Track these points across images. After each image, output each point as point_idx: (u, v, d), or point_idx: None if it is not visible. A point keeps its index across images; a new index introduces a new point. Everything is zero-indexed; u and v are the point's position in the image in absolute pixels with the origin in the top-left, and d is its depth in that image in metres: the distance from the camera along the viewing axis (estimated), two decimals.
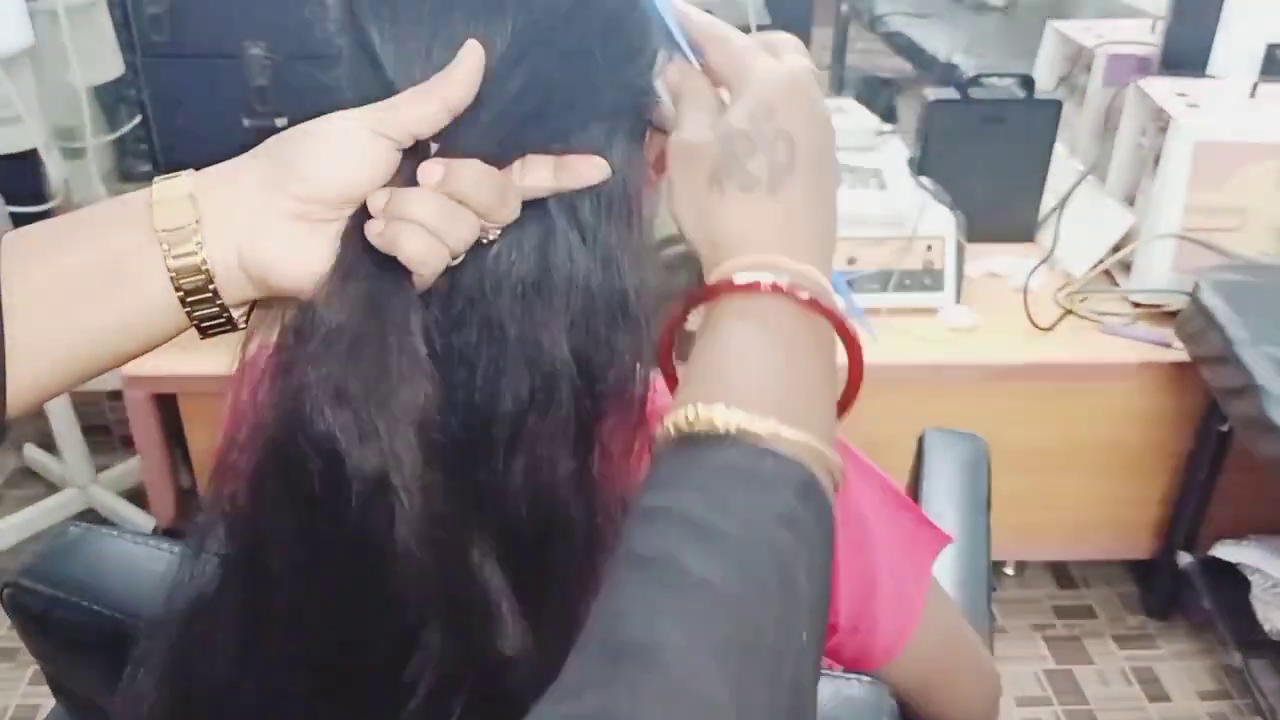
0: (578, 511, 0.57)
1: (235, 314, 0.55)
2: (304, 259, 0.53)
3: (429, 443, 0.52)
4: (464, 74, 0.52)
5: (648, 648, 0.39)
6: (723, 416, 0.45)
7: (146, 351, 0.55)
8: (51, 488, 2.07)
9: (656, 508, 0.44)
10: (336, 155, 0.52)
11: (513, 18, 0.53)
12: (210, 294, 0.52)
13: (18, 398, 0.52)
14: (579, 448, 0.57)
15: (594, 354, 0.56)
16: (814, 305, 0.49)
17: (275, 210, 0.52)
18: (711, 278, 0.51)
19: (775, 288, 0.49)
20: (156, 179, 0.53)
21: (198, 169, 0.54)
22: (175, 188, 0.53)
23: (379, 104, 0.53)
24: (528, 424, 0.55)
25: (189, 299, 0.52)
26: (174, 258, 0.51)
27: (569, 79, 0.55)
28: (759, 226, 0.51)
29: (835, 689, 0.61)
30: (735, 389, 0.47)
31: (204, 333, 0.55)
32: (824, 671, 0.64)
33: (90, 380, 0.55)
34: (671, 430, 0.47)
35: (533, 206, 0.55)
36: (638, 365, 0.58)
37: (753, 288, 0.49)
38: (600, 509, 0.58)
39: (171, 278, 0.52)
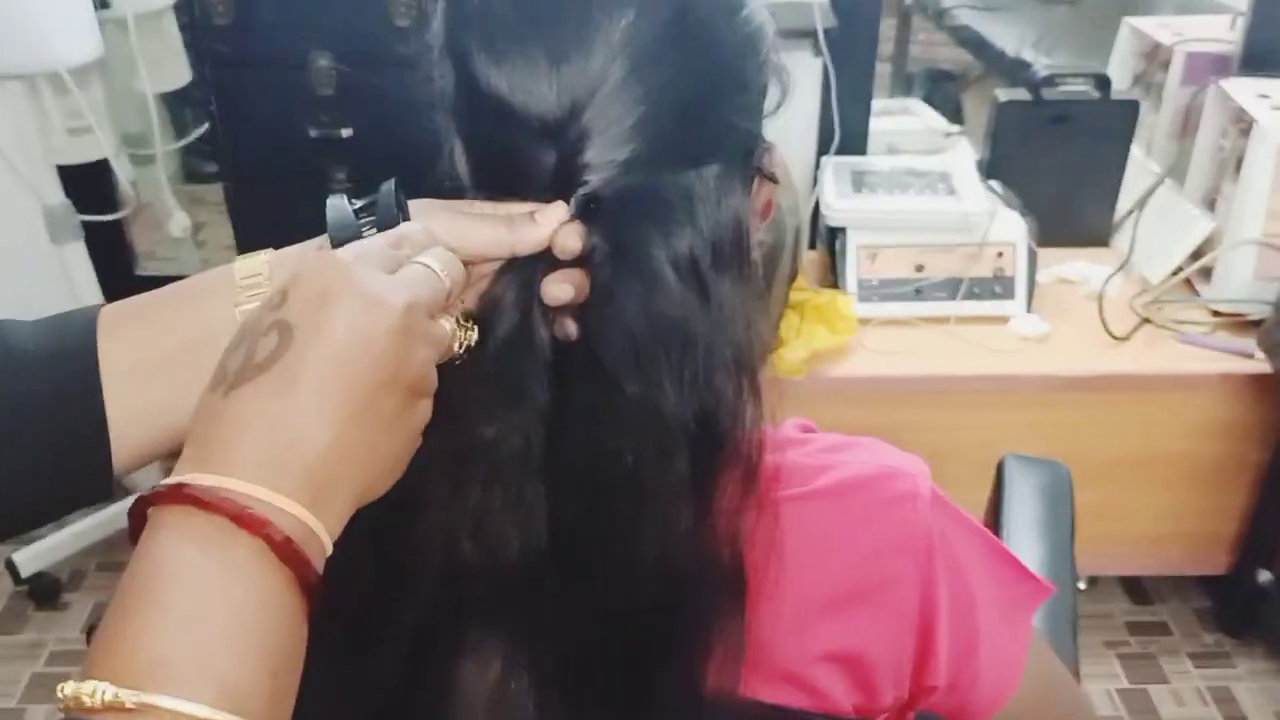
0: (693, 569, 0.56)
1: None
2: None
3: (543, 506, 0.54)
4: (544, 233, 0.52)
5: None
6: (90, 691, 0.38)
7: None
8: (121, 490, 2.10)
9: None
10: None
11: (621, 46, 0.52)
12: None
13: (123, 464, 0.54)
14: (697, 505, 0.55)
15: (712, 408, 0.55)
16: (239, 520, 0.41)
17: None
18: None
19: (185, 497, 0.41)
20: (238, 258, 0.55)
21: (263, 179, 0.56)
22: (255, 268, 0.54)
23: (451, 217, 0.53)
24: (645, 482, 0.54)
25: None
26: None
27: (681, 114, 0.54)
28: (201, 431, 0.45)
29: None
30: (120, 650, 0.39)
31: None
32: None
33: None
34: (59, 701, 0.39)
35: (641, 260, 0.53)
36: (750, 418, 0.57)
37: (170, 498, 0.42)
38: (715, 568, 0.56)
39: None
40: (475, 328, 0.53)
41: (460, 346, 0.52)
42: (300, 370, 0.44)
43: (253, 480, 0.42)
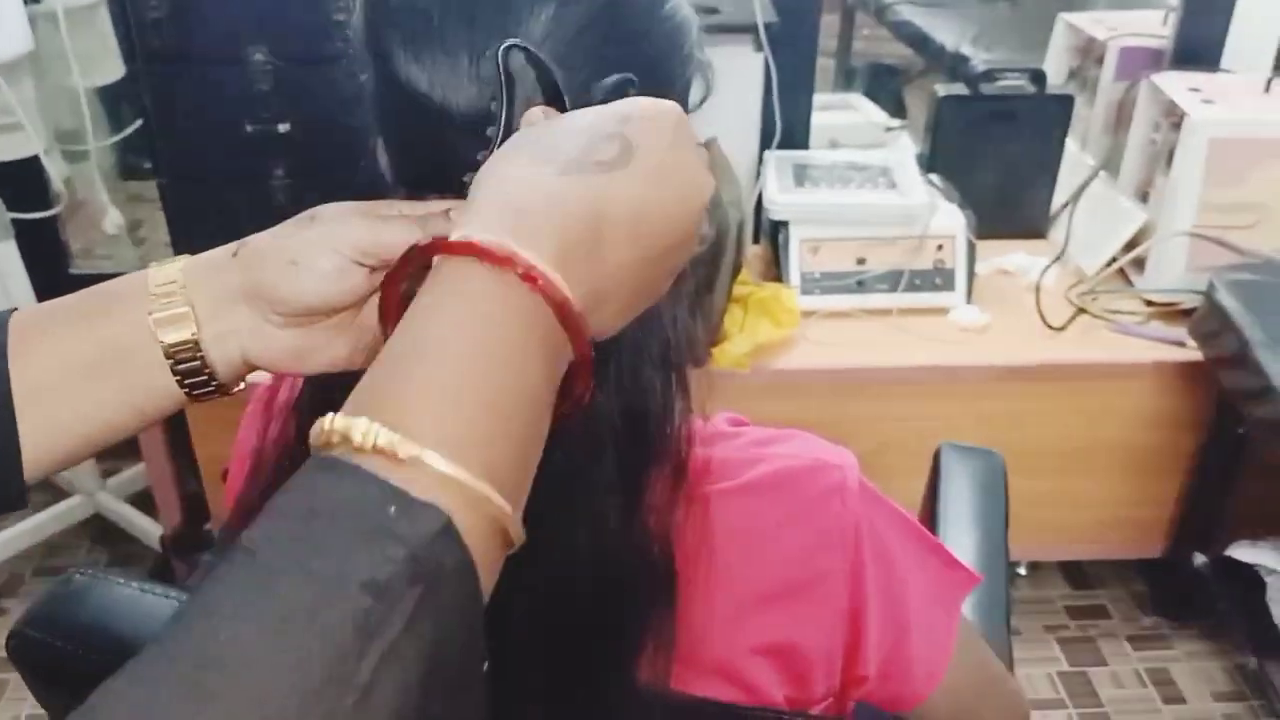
0: (627, 565, 0.56)
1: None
2: (299, 351, 0.55)
3: None
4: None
5: None
6: (362, 431, 0.36)
7: (154, 423, 0.56)
8: (59, 494, 2.06)
9: (247, 544, 0.35)
10: (316, 286, 0.52)
11: (542, 39, 0.52)
12: (210, 382, 0.54)
13: (34, 473, 0.54)
14: (627, 500, 0.56)
15: (639, 404, 0.55)
16: (545, 294, 0.40)
17: (265, 321, 0.54)
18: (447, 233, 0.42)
19: (496, 258, 0.40)
20: (152, 265, 0.55)
21: (199, 176, 0.55)
22: (169, 276, 0.54)
23: (364, 221, 0.52)
24: (575, 478, 0.54)
25: (188, 383, 0.54)
26: (178, 363, 0.53)
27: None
28: (516, 197, 0.43)
29: None
30: (397, 394, 0.38)
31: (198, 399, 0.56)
32: None
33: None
34: (315, 439, 0.38)
35: None
36: (678, 413, 0.57)
37: (472, 252, 0.40)
38: (646, 563, 0.57)
39: (174, 374, 0.53)
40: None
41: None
42: (629, 193, 0.44)
43: (564, 274, 0.41)
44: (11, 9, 1.69)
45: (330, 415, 0.37)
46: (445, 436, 0.37)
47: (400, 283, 0.44)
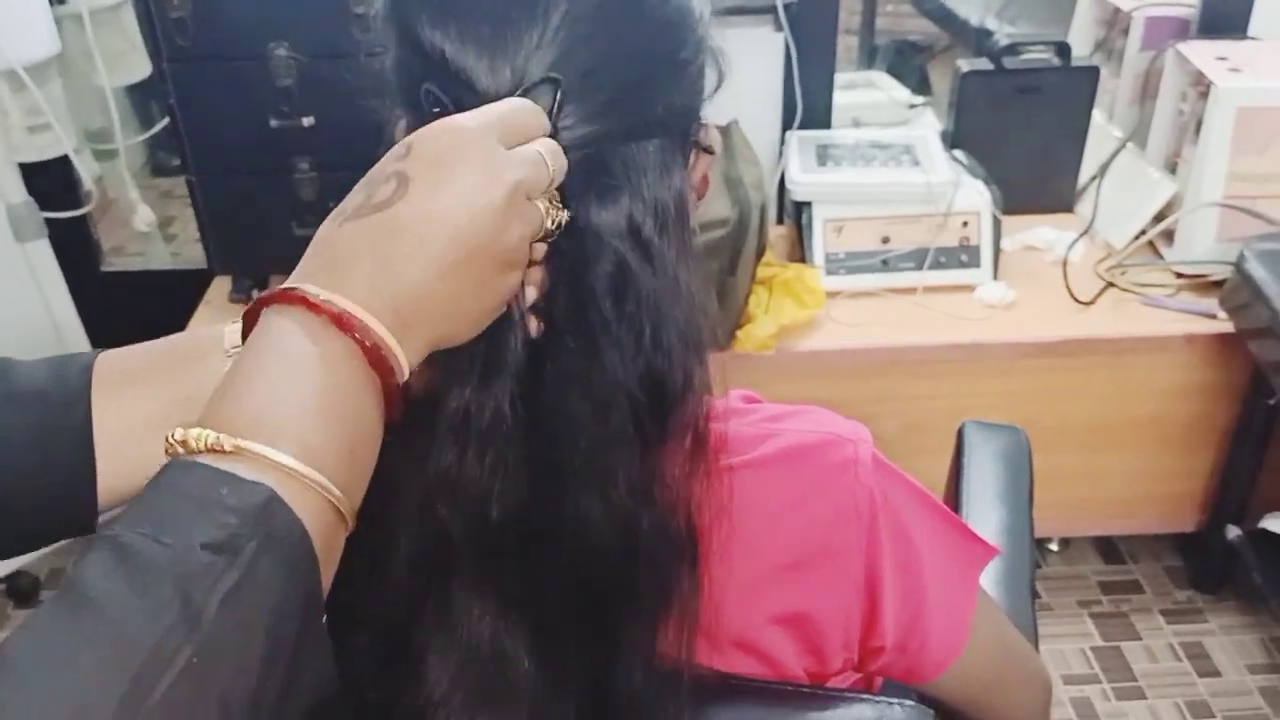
0: (639, 534, 0.57)
1: None
2: None
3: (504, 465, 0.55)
4: None
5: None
6: (195, 436, 0.44)
7: None
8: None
9: (106, 534, 0.42)
10: None
11: (560, 22, 0.54)
12: None
13: (104, 504, 0.59)
14: (643, 471, 0.57)
15: (661, 370, 0.56)
16: (338, 322, 0.47)
17: None
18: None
19: (297, 299, 0.47)
20: (229, 324, 0.58)
21: (226, 171, 0.57)
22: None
23: None
24: (594, 446, 0.55)
25: None
26: None
27: (620, 88, 0.55)
28: (315, 252, 0.50)
29: (878, 713, 0.61)
30: (225, 406, 0.46)
31: None
32: (863, 695, 0.63)
33: None
34: (166, 451, 0.45)
35: (587, 228, 0.55)
36: (697, 385, 0.58)
37: (284, 299, 0.48)
38: (659, 533, 0.57)
39: None
40: (565, 209, 0.55)
41: (553, 224, 0.54)
42: (409, 219, 0.49)
43: (352, 299, 0.47)
44: (38, 12, 1.71)
45: (174, 429, 0.45)
46: (262, 429, 0.44)
47: (253, 324, 0.49)
